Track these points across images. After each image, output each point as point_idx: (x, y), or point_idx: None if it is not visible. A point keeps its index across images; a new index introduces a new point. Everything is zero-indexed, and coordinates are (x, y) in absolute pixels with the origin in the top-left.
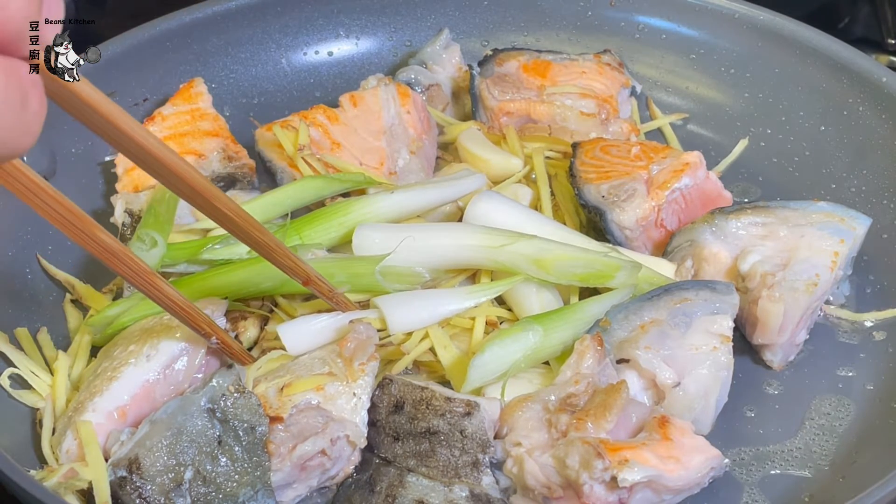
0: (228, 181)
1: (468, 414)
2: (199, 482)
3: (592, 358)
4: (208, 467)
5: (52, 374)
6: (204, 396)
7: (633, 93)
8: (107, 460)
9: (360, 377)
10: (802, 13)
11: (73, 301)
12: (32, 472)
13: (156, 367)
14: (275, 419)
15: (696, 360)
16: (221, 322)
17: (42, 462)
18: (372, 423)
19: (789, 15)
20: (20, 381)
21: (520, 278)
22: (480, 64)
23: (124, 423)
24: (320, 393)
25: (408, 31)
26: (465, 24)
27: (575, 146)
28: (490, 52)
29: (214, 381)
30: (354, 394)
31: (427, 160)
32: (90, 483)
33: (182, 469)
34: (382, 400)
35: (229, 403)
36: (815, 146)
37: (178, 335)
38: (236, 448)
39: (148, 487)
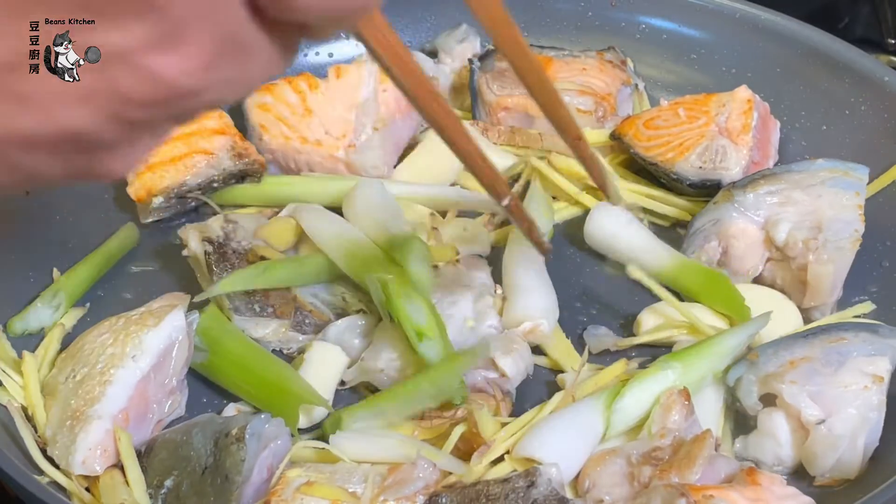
0: (238, 177)
1: (532, 484)
2: (173, 497)
3: (679, 413)
4: (184, 488)
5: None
6: (223, 425)
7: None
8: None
9: None
10: (802, 13)
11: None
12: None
13: (143, 367)
14: None
15: (845, 399)
16: (196, 319)
17: (30, 463)
18: None
19: (790, 15)
20: None
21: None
22: (481, 59)
23: (128, 425)
24: None
25: (407, 32)
26: (465, 24)
27: (615, 137)
28: (492, 47)
29: (242, 416)
30: None
31: (394, 141)
32: None
33: (167, 473)
34: None
35: (222, 445)
36: (816, 146)
37: (155, 331)
38: (210, 487)
39: (147, 472)
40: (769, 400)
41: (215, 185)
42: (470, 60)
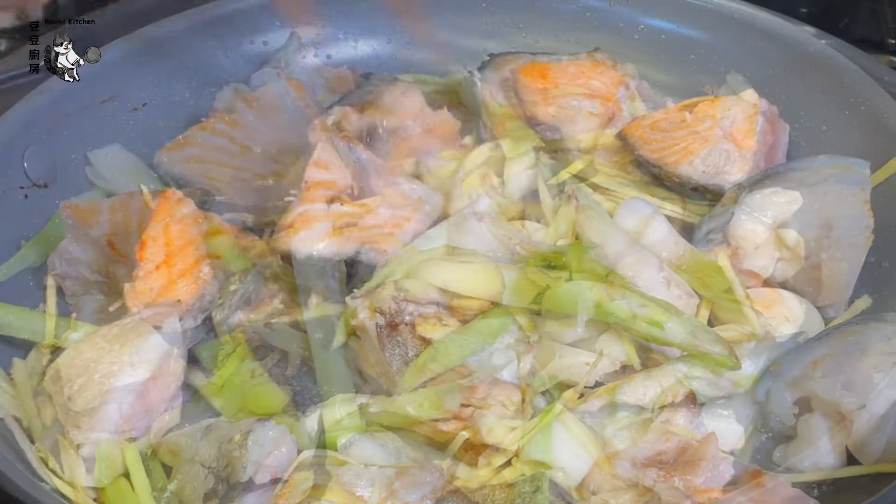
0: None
1: (537, 489)
2: (176, 501)
3: (684, 416)
4: (188, 492)
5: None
6: (227, 430)
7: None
8: None
9: None
10: (802, 13)
11: None
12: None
13: (143, 374)
14: None
15: (878, 379)
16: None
17: (30, 469)
18: None
19: (789, 15)
20: None
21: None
22: (480, 69)
23: (130, 431)
24: None
25: (407, 32)
26: (463, 24)
27: (621, 137)
28: (487, 57)
29: (246, 422)
30: None
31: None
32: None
33: (171, 477)
34: None
35: (225, 450)
36: (816, 146)
37: (153, 338)
38: (213, 491)
39: (151, 476)
40: (804, 409)
41: (232, 287)
42: (470, 72)
